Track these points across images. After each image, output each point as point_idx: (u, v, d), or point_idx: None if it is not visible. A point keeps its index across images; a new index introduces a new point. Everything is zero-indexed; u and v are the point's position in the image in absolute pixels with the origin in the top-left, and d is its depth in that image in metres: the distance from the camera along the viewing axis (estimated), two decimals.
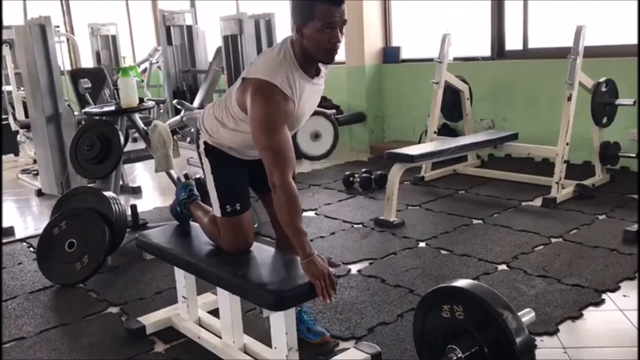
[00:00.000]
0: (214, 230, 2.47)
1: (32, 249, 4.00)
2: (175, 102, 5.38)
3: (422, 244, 3.70)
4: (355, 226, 4.14)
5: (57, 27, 6.48)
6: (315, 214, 4.49)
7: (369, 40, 6.59)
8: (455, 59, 5.70)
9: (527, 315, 2.07)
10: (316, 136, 4.80)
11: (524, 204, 4.37)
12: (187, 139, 5.45)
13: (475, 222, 4.05)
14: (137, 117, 4.14)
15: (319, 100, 2.35)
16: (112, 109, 4.05)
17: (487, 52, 5.88)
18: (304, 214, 3.80)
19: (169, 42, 7.16)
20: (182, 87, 7.21)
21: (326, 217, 4.38)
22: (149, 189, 5.72)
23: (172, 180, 4.15)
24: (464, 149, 4.73)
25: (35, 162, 6.26)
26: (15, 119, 6.15)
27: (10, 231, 4.33)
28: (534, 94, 5.49)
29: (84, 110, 4.28)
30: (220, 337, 2.55)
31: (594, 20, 4.78)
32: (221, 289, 2.40)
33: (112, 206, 3.50)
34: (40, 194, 5.48)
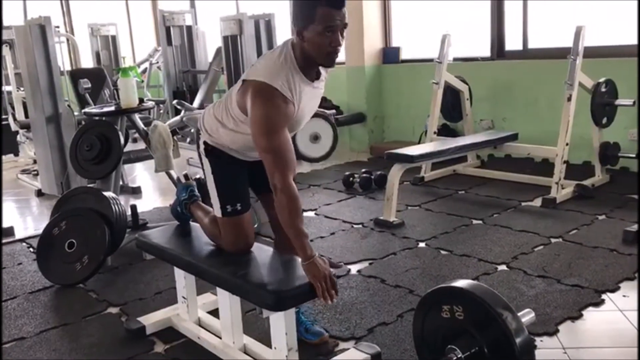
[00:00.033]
0: (214, 230, 2.47)
1: (32, 249, 3.99)
2: (175, 102, 5.37)
3: (422, 244, 3.70)
4: (355, 226, 4.14)
5: (57, 27, 6.48)
6: (315, 214, 4.49)
7: (369, 40, 6.59)
8: (455, 60, 5.70)
9: (527, 315, 2.07)
10: (315, 138, 4.78)
11: (523, 204, 4.38)
12: (187, 139, 5.45)
13: (475, 222, 4.05)
14: (137, 117, 4.14)
15: (319, 103, 2.35)
16: (112, 109, 4.05)
17: (486, 52, 5.88)
18: (304, 214, 3.81)
19: (169, 42, 7.15)
20: (182, 88, 7.20)
21: (326, 217, 4.38)
22: (149, 189, 5.72)
23: (172, 180, 4.15)
24: (464, 150, 4.73)
25: (35, 162, 6.25)
26: (15, 119, 6.15)
27: (10, 231, 4.33)
28: (533, 94, 5.49)
29: (83, 110, 4.29)
30: (220, 338, 2.55)
31: (593, 20, 4.78)
32: (221, 289, 2.40)
33: (112, 206, 3.50)
34: (40, 194, 5.48)
